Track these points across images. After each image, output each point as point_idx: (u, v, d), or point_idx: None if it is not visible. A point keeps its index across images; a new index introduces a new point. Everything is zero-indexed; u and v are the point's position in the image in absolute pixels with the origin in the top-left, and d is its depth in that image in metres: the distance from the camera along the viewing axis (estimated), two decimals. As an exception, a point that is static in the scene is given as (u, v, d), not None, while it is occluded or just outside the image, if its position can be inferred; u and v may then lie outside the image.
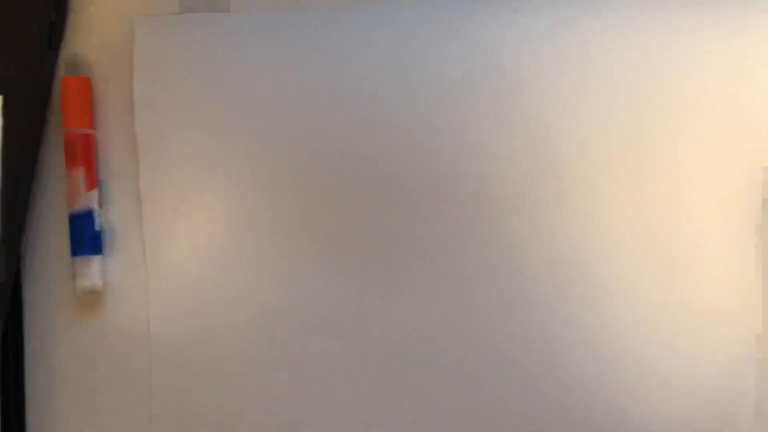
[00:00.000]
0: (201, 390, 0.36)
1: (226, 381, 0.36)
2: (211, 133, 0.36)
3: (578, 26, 0.35)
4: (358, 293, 0.36)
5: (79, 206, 0.35)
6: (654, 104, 0.35)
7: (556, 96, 0.35)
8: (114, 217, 0.36)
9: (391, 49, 0.36)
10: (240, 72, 0.36)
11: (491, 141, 0.35)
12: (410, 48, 0.36)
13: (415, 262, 0.36)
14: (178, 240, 0.36)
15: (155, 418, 0.36)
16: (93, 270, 0.35)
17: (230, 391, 0.36)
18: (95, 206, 0.36)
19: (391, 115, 0.36)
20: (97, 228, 0.36)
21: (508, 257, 0.35)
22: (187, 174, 0.36)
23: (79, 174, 0.35)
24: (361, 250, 0.36)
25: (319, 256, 0.36)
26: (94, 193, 0.36)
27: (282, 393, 0.36)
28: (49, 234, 0.36)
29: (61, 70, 0.36)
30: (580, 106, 0.35)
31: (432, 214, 0.36)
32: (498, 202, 0.35)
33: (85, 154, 0.35)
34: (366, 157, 0.36)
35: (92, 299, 0.36)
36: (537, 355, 0.35)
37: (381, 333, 0.36)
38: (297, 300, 0.36)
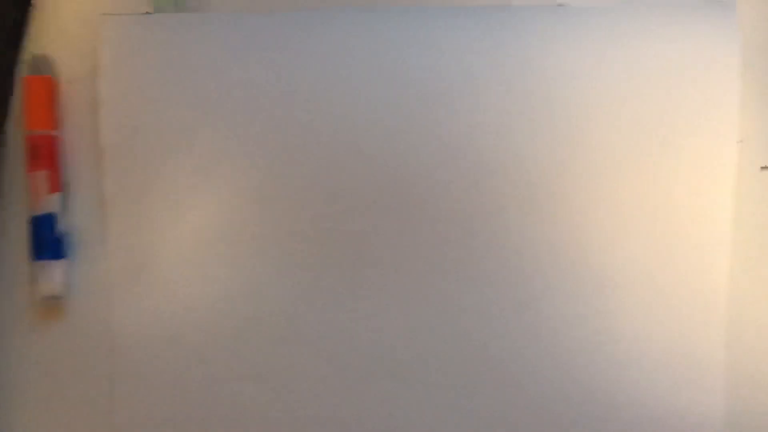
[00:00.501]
0: (164, 397, 0.35)
1: (190, 389, 0.35)
2: (177, 135, 0.35)
3: (576, 30, 0.35)
4: (330, 301, 0.35)
5: (40, 209, 0.35)
6: (649, 112, 0.35)
7: (553, 99, 0.35)
8: (78, 220, 0.36)
9: (360, 51, 0.35)
10: (207, 73, 0.35)
11: (484, 144, 0.35)
12: (390, 50, 0.35)
13: (390, 270, 0.35)
14: (143, 244, 0.35)
15: (117, 425, 0.35)
16: (54, 274, 0.35)
17: (194, 400, 0.35)
18: (57, 210, 0.35)
19: (367, 120, 0.35)
20: (59, 232, 0.35)
21: (487, 263, 0.35)
22: (153, 178, 0.35)
23: (42, 177, 0.35)
24: (333, 258, 0.35)
25: (289, 262, 0.35)
26: (57, 196, 0.35)
27: (249, 403, 0.35)
28: (10, 237, 0.36)
29: (23, 70, 0.36)
30: (578, 108, 0.35)
31: (412, 223, 0.35)
32: (483, 209, 0.35)
33: (48, 157, 0.35)
34: (343, 164, 0.35)
35: (54, 304, 0.35)
36: (520, 361, 0.35)
37: (354, 342, 0.35)
38: (266, 307, 0.35)
